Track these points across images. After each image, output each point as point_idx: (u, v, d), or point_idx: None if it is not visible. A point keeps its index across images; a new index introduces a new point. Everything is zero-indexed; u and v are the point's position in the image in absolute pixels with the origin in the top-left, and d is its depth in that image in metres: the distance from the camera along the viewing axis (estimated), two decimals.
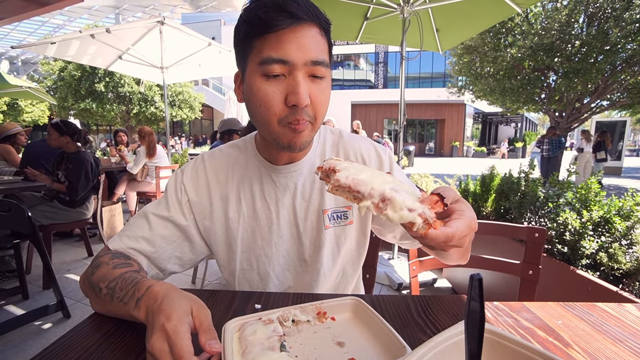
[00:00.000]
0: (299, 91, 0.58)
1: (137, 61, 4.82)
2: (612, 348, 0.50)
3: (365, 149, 0.80)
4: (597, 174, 1.88)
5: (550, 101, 9.34)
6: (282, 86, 0.59)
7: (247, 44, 0.61)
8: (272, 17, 0.56)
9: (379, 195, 0.42)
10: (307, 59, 0.58)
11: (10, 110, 15.06)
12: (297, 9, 0.57)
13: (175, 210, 0.73)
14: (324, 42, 0.62)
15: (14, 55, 26.87)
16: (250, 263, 0.77)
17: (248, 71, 0.62)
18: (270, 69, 0.58)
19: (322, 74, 0.61)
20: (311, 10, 0.59)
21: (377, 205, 0.42)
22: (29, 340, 1.88)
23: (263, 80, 0.60)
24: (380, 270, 2.73)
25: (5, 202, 1.85)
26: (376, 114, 24.17)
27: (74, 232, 3.78)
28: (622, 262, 1.44)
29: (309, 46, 0.59)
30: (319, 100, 0.62)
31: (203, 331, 0.45)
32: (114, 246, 0.69)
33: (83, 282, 0.66)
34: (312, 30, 0.60)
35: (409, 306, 0.63)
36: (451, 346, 0.37)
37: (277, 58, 0.57)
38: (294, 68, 0.58)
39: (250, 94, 0.62)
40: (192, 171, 0.77)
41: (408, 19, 2.63)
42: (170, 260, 0.74)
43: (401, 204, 0.40)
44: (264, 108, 0.60)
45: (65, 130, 2.75)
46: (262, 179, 0.75)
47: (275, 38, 0.57)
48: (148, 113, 15.05)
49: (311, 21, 0.59)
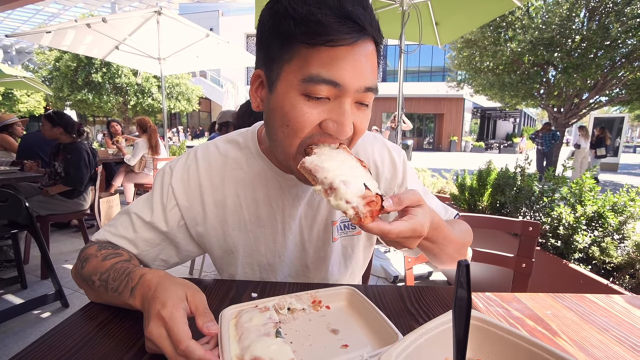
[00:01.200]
0: (345, 122, 0.50)
1: (134, 52, 4.77)
2: (598, 337, 0.52)
3: (378, 153, 0.73)
4: (592, 170, 1.89)
5: (549, 96, 9.33)
6: (324, 110, 0.51)
7: (288, 47, 0.49)
8: (335, 25, 0.45)
9: (329, 183, 0.47)
10: (361, 85, 0.49)
11: (5, 100, 14.88)
12: (364, 18, 0.47)
13: (157, 215, 0.67)
14: (376, 62, 0.53)
15: (8, 44, 26.42)
16: (252, 268, 0.74)
17: (282, 82, 0.51)
18: (316, 89, 0.48)
19: (369, 100, 0.54)
20: (373, 23, 0.49)
21: (325, 191, 0.47)
22: (28, 329, 1.89)
23: (302, 99, 0.50)
24: (376, 263, 2.76)
25: (2, 193, 1.85)
26: (374, 108, 23.61)
27: (71, 223, 3.79)
28: (614, 256, 1.46)
29: (366, 70, 0.49)
30: (359, 129, 0.55)
31: (199, 314, 0.45)
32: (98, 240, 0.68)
33: (75, 276, 0.65)
34: (369, 47, 0.50)
35: (403, 296, 0.64)
36: (441, 333, 0.39)
37: (327, 79, 0.48)
38: (343, 93, 0.49)
39: (279, 108, 0.52)
40: (183, 171, 0.68)
41: (407, 12, 2.61)
42: (155, 262, 0.70)
43: (342, 195, 0.46)
44: (291, 129, 0.52)
45: (57, 122, 2.73)
46: (267, 183, 0.67)
47: (331, 53, 0.47)
48: (145, 105, 14.92)
49: (371, 37, 0.49)
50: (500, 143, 23.67)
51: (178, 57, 4.99)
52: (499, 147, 22.82)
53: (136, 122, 4.37)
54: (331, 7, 0.46)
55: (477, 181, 2.43)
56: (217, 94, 22.11)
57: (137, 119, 4.37)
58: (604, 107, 9.93)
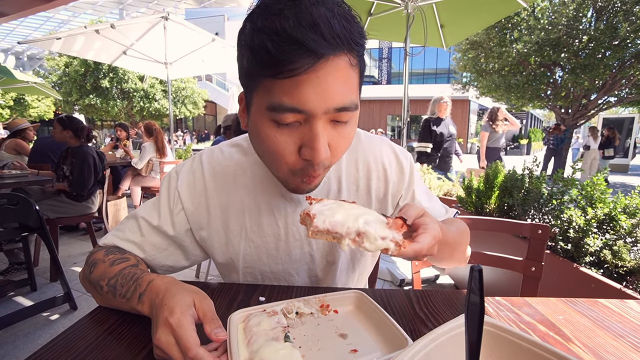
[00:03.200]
0: (317, 146, 0.48)
1: (141, 56, 4.84)
2: (613, 343, 0.51)
3: (386, 155, 0.72)
4: (603, 171, 1.86)
5: (556, 97, 9.22)
6: (296, 135, 0.49)
7: (252, 79, 0.49)
8: (287, 55, 0.43)
9: (355, 231, 0.46)
10: (329, 107, 0.47)
11: (16, 105, 15.20)
12: (320, 41, 0.43)
13: (164, 219, 0.67)
14: (354, 75, 0.49)
15: (20, 50, 27.03)
16: (255, 277, 0.73)
17: (254, 109, 0.51)
18: (282, 117, 0.47)
19: (347, 119, 0.51)
20: (340, 35, 0.44)
21: (354, 240, 0.46)
22: (37, 331, 1.92)
23: (272, 126, 0.49)
24: (382, 266, 2.74)
25: (13, 196, 1.88)
26: (379, 110, 24.05)
27: (79, 226, 3.84)
28: (627, 259, 1.43)
29: (334, 90, 0.46)
30: (339, 147, 0.52)
31: (208, 321, 0.45)
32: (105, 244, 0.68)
33: (83, 281, 0.65)
34: (339, 64, 0.46)
35: (411, 300, 0.64)
36: (452, 338, 0.38)
37: (289, 107, 0.46)
38: (311, 117, 0.47)
39: (257, 137, 0.52)
40: (189, 175, 0.68)
41: (412, 15, 2.61)
42: (162, 266, 0.70)
43: (374, 235, 0.45)
44: (273, 156, 0.52)
45: (67, 125, 2.79)
46: (269, 190, 0.67)
47: (291, 81, 0.45)
48: (152, 109, 15.11)
49: (339, 51, 0.45)
50: (507, 145, 23.44)
51: (184, 61, 5.05)
52: (506, 149, 22.56)
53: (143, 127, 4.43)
54: (285, 39, 0.42)
55: (484, 183, 2.40)
56: (223, 98, 22.31)
57: (144, 124, 4.43)
58: (613, 107, 9.79)
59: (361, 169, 0.71)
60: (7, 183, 2.67)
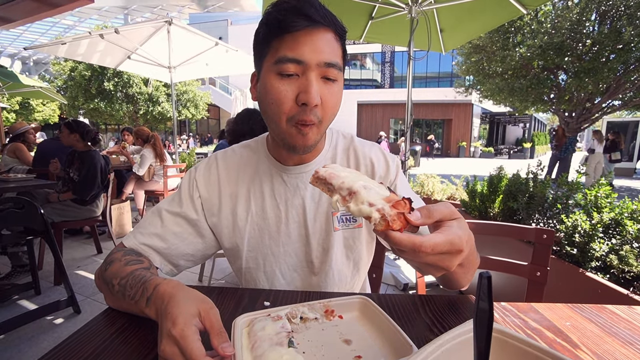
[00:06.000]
0: (310, 90, 0.60)
1: (145, 61, 4.88)
2: (622, 350, 0.50)
3: (374, 154, 0.81)
4: (608, 175, 1.85)
5: (559, 101, 9.18)
6: (295, 85, 0.62)
7: (265, 45, 0.64)
8: (290, 19, 0.59)
9: (347, 189, 0.44)
10: (320, 60, 0.61)
11: (22, 110, 15.39)
12: (314, 13, 0.60)
13: (187, 205, 0.76)
14: (338, 47, 0.64)
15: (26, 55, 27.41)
16: (257, 262, 0.78)
17: (264, 70, 0.65)
18: (285, 67, 0.60)
19: (334, 76, 0.63)
20: (328, 16, 0.62)
21: (344, 198, 0.44)
22: (42, 335, 1.92)
23: (277, 78, 0.62)
24: (386, 271, 2.72)
25: (19, 200, 1.89)
26: (382, 114, 24.06)
27: (83, 230, 3.85)
28: (634, 264, 1.41)
29: (324, 48, 0.61)
30: (329, 102, 0.64)
31: (215, 334, 0.44)
32: (128, 243, 0.72)
33: (98, 278, 0.68)
34: (327, 34, 0.62)
35: (416, 305, 0.63)
36: (459, 345, 0.38)
37: (291, 57, 0.60)
38: (307, 68, 0.61)
39: (264, 91, 0.65)
40: (205, 168, 0.79)
41: (416, 19, 2.62)
42: (183, 257, 0.76)
43: (364, 198, 0.42)
44: (276, 105, 0.63)
45: (75, 128, 2.81)
46: (272, 178, 0.76)
47: (292, 39, 0.60)
48: (156, 113, 15.22)
49: (327, 26, 0.62)
50: (510, 148, 23.30)
51: (188, 65, 5.09)
52: (509, 153, 22.45)
53: (134, 132, 4.45)
54: (289, 10, 0.60)
55: (488, 187, 2.39)
56: (226, 102, 22.42)
57: (134, 130, 4.44)
58: (617, 111, 9.72)
59: (352, 160, 0.80)
60: (13, 187, 2.70)
